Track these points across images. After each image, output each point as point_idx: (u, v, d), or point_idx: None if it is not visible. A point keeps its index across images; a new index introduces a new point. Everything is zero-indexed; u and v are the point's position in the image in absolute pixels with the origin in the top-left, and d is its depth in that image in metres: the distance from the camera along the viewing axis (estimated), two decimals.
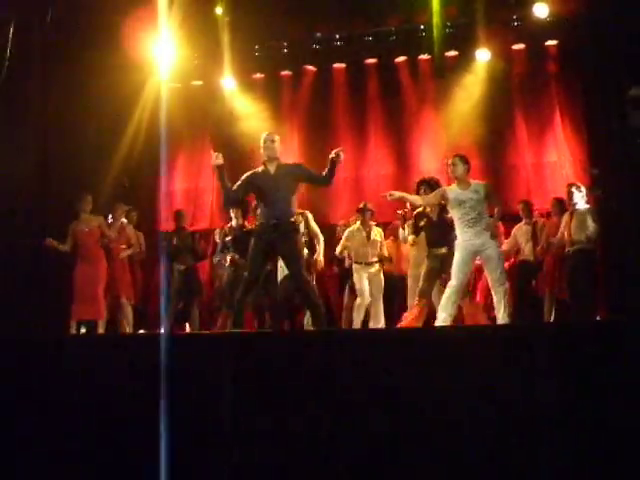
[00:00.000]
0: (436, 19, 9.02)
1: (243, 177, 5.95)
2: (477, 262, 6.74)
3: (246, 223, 7.85)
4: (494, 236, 6.16)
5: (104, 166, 9.58)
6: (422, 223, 6.95)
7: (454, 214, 6.25)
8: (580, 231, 7.36)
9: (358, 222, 8.15)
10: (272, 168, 5.88)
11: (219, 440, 3.89)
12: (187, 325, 8.33)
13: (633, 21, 7.65)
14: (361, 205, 8.19)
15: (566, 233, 7.48)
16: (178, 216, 8.59)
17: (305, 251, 6.71)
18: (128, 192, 9.48)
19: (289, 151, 10.21)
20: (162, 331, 7.23)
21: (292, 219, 5.79)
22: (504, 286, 6.14)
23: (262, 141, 5.96)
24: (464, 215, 6.12)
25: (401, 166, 9.91)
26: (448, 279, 6.26)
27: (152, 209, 10.09)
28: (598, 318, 7.81)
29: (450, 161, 6.35)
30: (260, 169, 5.95)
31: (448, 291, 6.12)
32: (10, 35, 8.14)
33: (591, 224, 7.35)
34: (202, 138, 10.53)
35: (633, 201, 7.72)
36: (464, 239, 6.11)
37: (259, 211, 6.06)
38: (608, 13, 8.15)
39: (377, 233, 8.08)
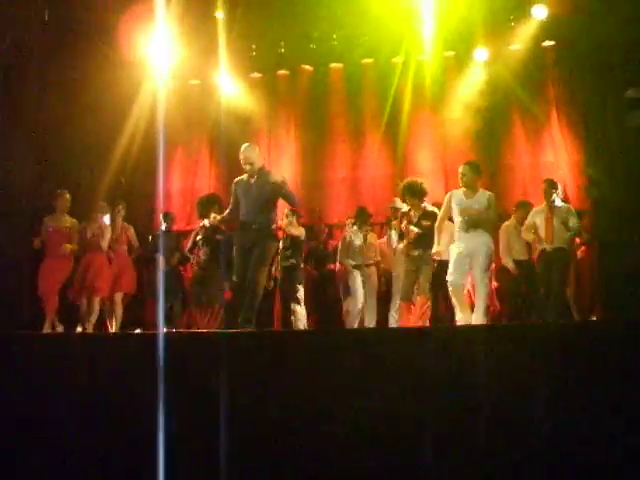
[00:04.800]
0: (433, 19, 9.05)
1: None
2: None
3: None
4: None
5: (101, 165, 9.58)
6: (404, 224, 7.01)
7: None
8: (563, 229, 7.23)
9: (355, 226, 8.22)
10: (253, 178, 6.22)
11: (216, 440, 3.90)
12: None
13: (630, 23, 7.68)
14: (359, 210, 8.23)
15: (546, 230, 7.29)
16: (165, 218, 8.67)
17: None
18: (125, 191, 9.46)
19: (286, 151, 10.22)
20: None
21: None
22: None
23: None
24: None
25: (398, 166, 9.90)
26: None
27: (149, 208, 10.08)
28: (594, 318, 7.86)
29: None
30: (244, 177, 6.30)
31: None
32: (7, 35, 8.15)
33: (574, 222, 7.25)
34: (199, 137, 10.51)
35: (629, 201, 7.73)
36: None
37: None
38: (605, 14, 8.19)
39: (372, 237, 8.24)
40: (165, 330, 7.62)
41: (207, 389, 4.11)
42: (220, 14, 9.47)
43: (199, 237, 7.97)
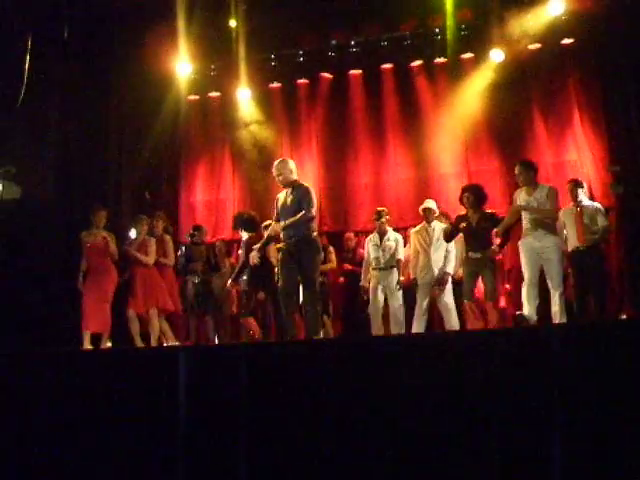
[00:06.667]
0: (450, 21, 9.03)
1: None
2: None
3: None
4: None
5: (126, 179, 9.70)
6: (462, 225, 7.11)
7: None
8: (591, 228, 7.17)
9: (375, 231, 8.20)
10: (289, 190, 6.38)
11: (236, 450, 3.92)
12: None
13: None
14: (375, 215, 8.17)
15: (577, 230, 7.20)
16: (199, 230, 8.69)
17: None
18: (150, 205, 9.55)
19: (308, 158, 10.25)
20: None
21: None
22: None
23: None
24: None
25: (420, 170, 9.87)
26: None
27: (173, 221, 10.16)
28: (624, 316, 7.76)
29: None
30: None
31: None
32: (29, 53, 8.29)
33: (602, 221, 7.19)
34: (221, 149, 10.59)
35: None
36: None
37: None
38: (624, 9, 8.10)
39: (393, 239, 8.01)
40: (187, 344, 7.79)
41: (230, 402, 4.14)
42: (237, 25, 9.55)
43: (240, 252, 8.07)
